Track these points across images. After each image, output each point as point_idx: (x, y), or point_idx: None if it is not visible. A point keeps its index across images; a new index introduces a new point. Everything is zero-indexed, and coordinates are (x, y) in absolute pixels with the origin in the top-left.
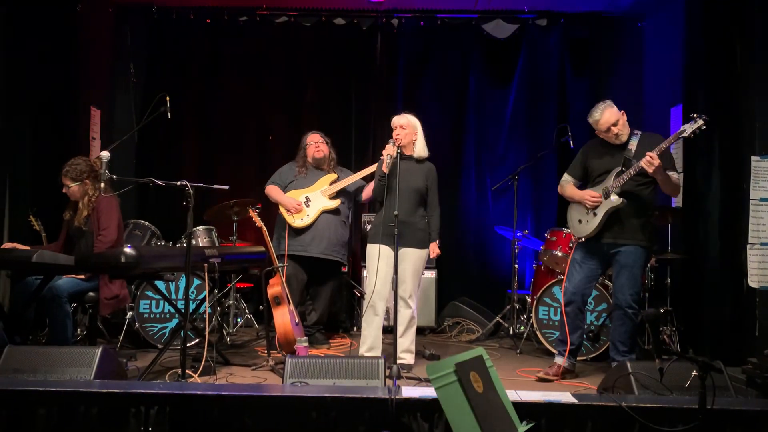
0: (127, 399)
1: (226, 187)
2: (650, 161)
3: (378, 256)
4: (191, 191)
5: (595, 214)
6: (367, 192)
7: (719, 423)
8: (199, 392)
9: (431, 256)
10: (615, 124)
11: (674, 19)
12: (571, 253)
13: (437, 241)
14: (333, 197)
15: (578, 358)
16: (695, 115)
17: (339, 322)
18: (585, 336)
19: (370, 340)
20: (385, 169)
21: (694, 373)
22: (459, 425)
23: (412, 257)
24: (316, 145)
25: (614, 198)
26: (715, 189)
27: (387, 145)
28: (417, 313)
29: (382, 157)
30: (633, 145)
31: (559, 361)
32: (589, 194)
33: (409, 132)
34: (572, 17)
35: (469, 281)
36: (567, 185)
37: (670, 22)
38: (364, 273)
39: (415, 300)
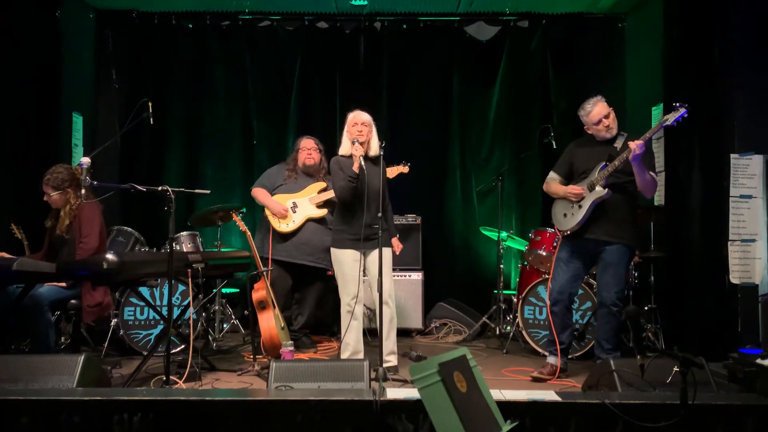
0: (110, 406)
1: (207, 192)
2: (637, 145)
3: (358, 262)
4: (172, 196)
5: (580, 207)
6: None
7: (701, 418)
8: (182, 398)
9: (397, 252)
10: (607, 117)
11: (654, 19)
12: (556, 251)
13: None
14: (320, 206)
15: None
16: (677, 104)
17: (326, 326)
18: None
19: (351, 346)
20: (356, 170)
21: (675, 368)
22: (443, 426)
23: (386, 257)
24: (308, 152)
25: (599, 189)
26: (696, 187)
27: (354, 145)
28: (397, 314)
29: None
30: (619, 144)
31: (552, 360)
32: (573, 188)
33: (369, 129)
34: (554, 18)
35: (455, 282)
36: (552, 182)
37: (650, 23)
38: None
39: (393, 300)
